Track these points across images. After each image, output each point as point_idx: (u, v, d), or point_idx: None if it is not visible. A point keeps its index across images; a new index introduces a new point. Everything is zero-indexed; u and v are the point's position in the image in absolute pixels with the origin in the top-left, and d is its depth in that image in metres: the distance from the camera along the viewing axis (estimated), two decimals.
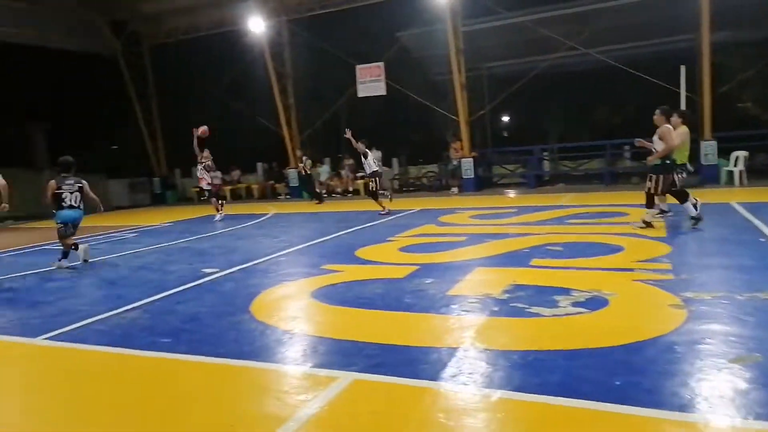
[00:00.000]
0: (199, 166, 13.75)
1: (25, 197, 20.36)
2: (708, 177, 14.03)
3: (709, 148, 14.31)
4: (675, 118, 8.29)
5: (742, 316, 4.04)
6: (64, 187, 8.06)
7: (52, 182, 8.19)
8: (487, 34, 17.59)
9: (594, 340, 3.83)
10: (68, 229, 8.09)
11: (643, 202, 8.25)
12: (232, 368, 3.76)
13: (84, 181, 8.28)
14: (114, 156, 28.70)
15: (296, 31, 19.27)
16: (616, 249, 6.70)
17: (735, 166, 13.65)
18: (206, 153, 13.54)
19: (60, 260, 8.01)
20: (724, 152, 14.26)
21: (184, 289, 6.16)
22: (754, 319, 3.97)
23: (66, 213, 8.05)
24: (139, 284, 6.62)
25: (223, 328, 4.66)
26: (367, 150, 12.71)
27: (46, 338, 4.68)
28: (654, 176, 7.86)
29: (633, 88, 18.18)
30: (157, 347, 4.24)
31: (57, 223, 8.17)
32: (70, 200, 8.06)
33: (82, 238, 11.61)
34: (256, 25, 17.85)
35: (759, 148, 14.93)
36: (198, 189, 17.23)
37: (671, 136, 7.71)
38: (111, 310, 5.40)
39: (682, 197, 8.04)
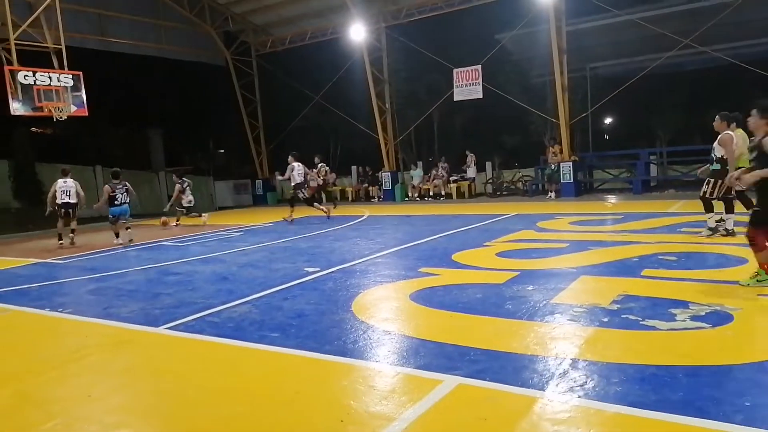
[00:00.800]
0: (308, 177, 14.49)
1: (143, 197, 22.26)
2: None
3: None
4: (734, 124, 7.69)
5: None
6: (117, 189, 11.50)
7: (107, 187, 11.61)
8: (593, 33, 16.89)
9: (717, 357, 3.56)
10: (116, 219, 11.63)
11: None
12: (338, 365, 3.87)
13: (128, 183, 11.79)
14: (221, 159, 30.62)
15: (394, 37, 19.54)
16: (739, 261, 6.16)
17: None
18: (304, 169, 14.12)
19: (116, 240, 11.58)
20: None
21: (288, 287, 6.43)
22: None
23: (115, 209, 11.56)
24: (247, 280, 6.99)
25: (327, 326, 4.81)
26: (294, 164, 13.84)
27: (166, 328, 5.07)
28: (712, 180, 7.64)
29: (753, 88, 16.64)
30: (267, 341, 4.46)
31: (109, 216, 11.74)
32: (120, 199, 11.52)
33: (196, 235, 12.48)
34: (357, 33, 18.30)
35: None
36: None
37: (732, 146, 7.40)
38: (223, 304, 5.75)
39: (730, 208, 7.76)
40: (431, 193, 19.10)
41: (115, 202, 11.49)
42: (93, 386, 3.84)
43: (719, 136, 7.61)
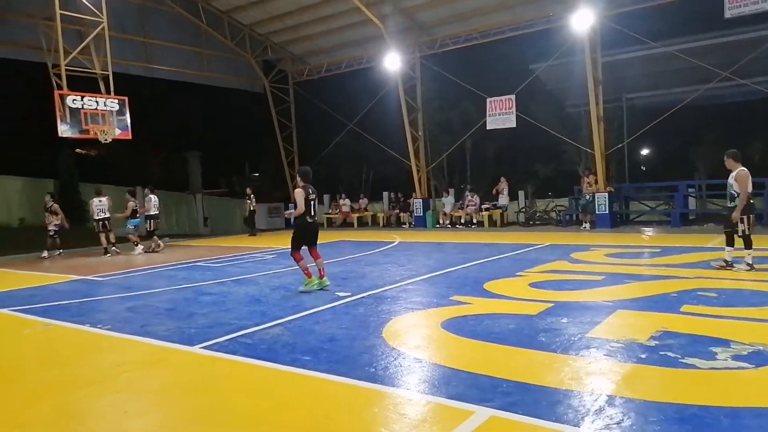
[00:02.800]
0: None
1: (180, 218, 22.83)
2: None
3: None
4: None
5: None
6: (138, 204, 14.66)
7: (132, 203, 14.56)
8: (629, 65, 16.80)
9: (760, 399, 3.43)
10: (137, 230, 14.59)
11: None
12: (369, 391, 3.86)
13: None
14: (255, 182, 31.23)
15: (428, 66, 19.78)
16: None
17: None
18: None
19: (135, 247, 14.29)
20: None
21: (320, 311, 6.47)
22: None
23: (136, 220, 14.59)
24: (280, 302, 7.07)
25: (358, 351, 4.81)
26: (150, 195, 15.21)
27: (201, 347, 5.15)
28: (745, 217, 7.91)
29: None
30: (299, 364, 4.49)
31: (131, 227, 14.54)
32: (138, 213, 14.62)
33: (230, 256, 12.69)
34: (392, 62, 18.61)
35: None
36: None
37: (747, 181, 7.85)
38: (256, 326, 5.82)
39: (748, 244, 8.00)
40: (462, 221, 19.03)
41: (137, 215, 14.53)
42: (129, 403, 3.93)
43: (736, 172, 7.98)
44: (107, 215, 14.21)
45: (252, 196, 19.25)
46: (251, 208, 19.23)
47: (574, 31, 15.56)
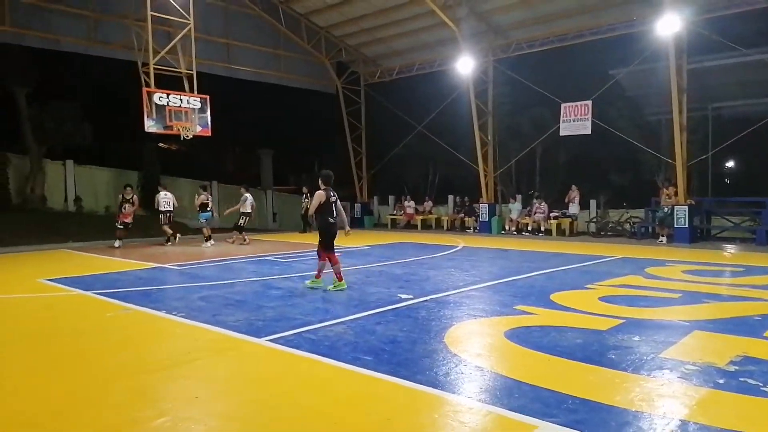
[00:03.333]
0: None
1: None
2: None
3: None
4: None
5: None
6: (209, 198, 15.39)
7: (203, 197, 15.16)
8: (717, 72, 15.86)
9: None
10: (208, 223, 15.25)
11: None
12: (430, 396, 3.86)
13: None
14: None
15: (501, 69, 19.49)
16: None
17: None
18: None
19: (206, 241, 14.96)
20: None
21: (382, 311, 6.53)
22: None
23: (206, 214, 15.17)
24: (344, 301, 7.18)
25: (419, 355, 4.82)
26: (246, 194, 15.79)
27: (268, 339, 5.32)
28: None
29: None
30: (360, 363, 4.55)
31: (203, 220, 15.19)
32: (210, 207, 15.35)
33: (298, 252, 13.01)
34: (464, 66, 18.47)
35: None
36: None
37: None
38: (320, 323, 5.95)
39: None
40: (529, 228, 18.60)
41: (207, 209, 15.16)
42: (200, 389, 4.12)
43: None
44: (171, 209, 15.17)
45: (308, 194, 19.63)
46: (307, 206, 19.64)
47: (659, 36, 14.86)
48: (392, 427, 3.41)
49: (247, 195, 15.84)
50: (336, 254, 8.08)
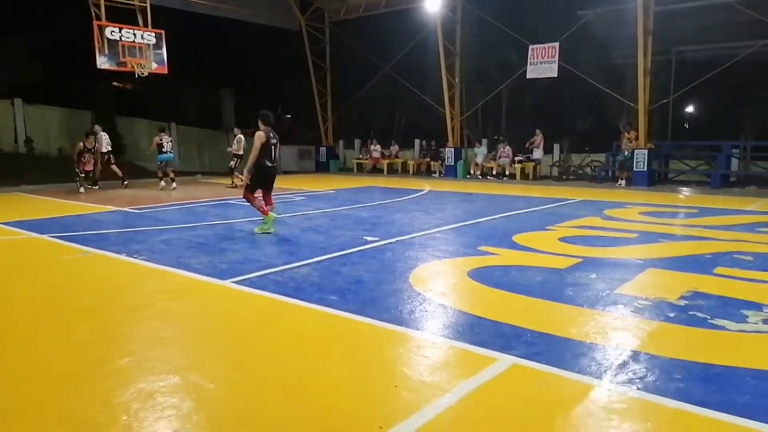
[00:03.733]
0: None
1: (213, 155, 23.10)
2: None
3: None
4: None
5: None
6: (164, 139, 14.34)
7: (157, 138, 14.30)
8: (683, 15, 15.83)
9: None
10: (164, 166, 14.61)
11: None
12: (394, 333, 3.94)
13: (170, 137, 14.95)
14: (287, 124, 31.17)
15: (470, 9, 19.04)
16: None
17: None
18: None
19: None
20: None
21: (347, 253, 6.56)
22: None
23: (164, 156, 14.42)
24: (309, 244, 7.17)
25: (384, 294, 4.89)
26: (239, 135, 15.55)
27: (232, 281, 5.30)
28: None
29: None
30: (326, 303, 4.59)
31: (160, 163, 14.57)
32: (167, 148, 14.40)
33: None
34: (433, 4, 17.96)
35: None
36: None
37: None
38: (285, 264, 5.95)
39: None
40: (494, 172, 18.78)
41: (163, 150, 14.37)
42: (165, 329, 4.10)
43: None
44: (110, 149, 15.02)
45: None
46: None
47: None
48: (356, 360, 3.49)
49: (240, 136, 15.39)
50: (257, 193, 7.83)
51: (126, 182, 14.94)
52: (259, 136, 7.43)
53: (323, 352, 3.64)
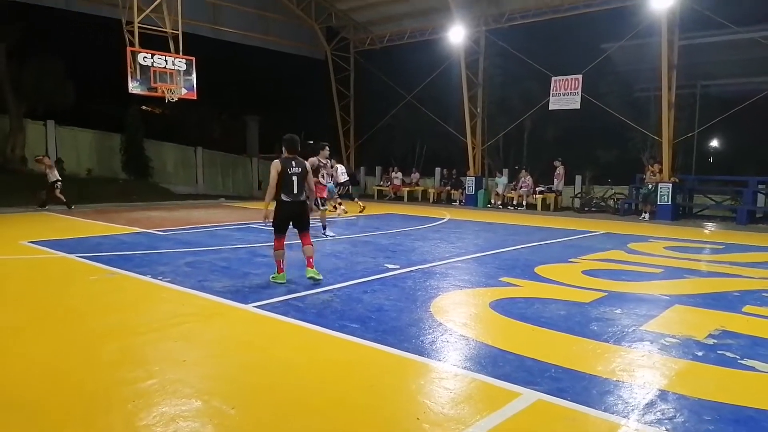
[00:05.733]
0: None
1: (236, 179, 23.46)
2: None
3: None
4: None
5: None
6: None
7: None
8: (708, 50, 15.84)
9: None
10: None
11: None
12: (415, 363, 3.92)
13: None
14: (309, 150, 31.50)
15: (493, 40, 19.27)
16: None
17: None
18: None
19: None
20: None
21: (369, 281, 6.57)
22: None
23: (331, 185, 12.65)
24: (330, 270, 7.19)
25: (405, 323, 4.87)
26: (337, 165, 14.12)
27: (255, 306, 5.33)
28: None
29: None
30: (347, 331, 4.59)
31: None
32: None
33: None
34: (456, 35, 18.23)
35: None
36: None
37: None
38: (306, 290, 5.97)
39: None
40: (515, 202, 18.71)
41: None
42: (188, 352, 4.13)
43: None
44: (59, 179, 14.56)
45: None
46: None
47: (652, 10, 14.77)
48: (377, 390, 3.47)
49: (339, 166, 14.92)
50: (282, 240, 6.45)
51: (72, 207, 14.64)
52: (274, 165, 6.19)
53: (344, 381, 3.63)
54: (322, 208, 10.78)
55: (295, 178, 6.23)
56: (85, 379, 3.59)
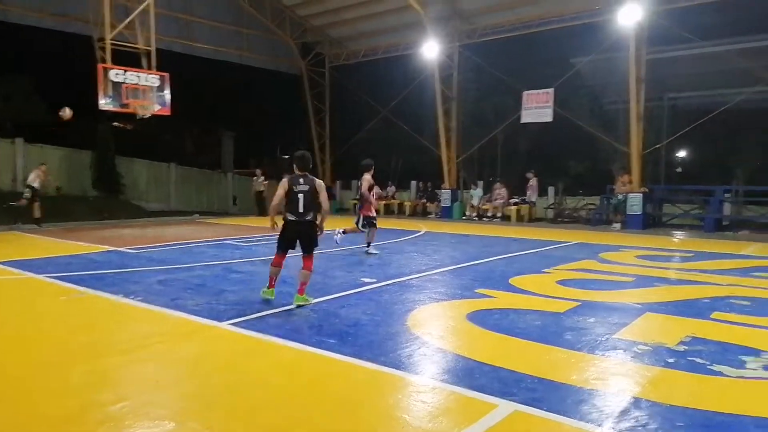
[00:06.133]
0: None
1: (211, 196, 23.22)
2: None
3: None
4: None
5: None
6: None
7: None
8: (674, 63, 16.34)
9: None
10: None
11: None
12: (393, 377, 3.91)
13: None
14: (285, 165, 31.42)
15: (467, 55, 19.58)
16: None
17: None
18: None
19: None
20: None
21: (345, 295, 6.55)
22: None
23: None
24: (308, 285, 7.13)
25: (382, 337, 4.87)
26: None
27: (230, 323, 5.27)
28: None
29: None
30: (325, 346, 4.56)
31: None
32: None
33: (258, 236, 12.87)
34: (430, 50, 18.47)
35: None
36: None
37: None
38: (282, 306, 5.92)
39: None
40: (490, 214, 18.90)
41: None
42: (161, 373, 4.06)
43: None
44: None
45: (261, 175, 20.00)
46: (260, 189, 19.70)
47: (620, 25, 15.19)
48: (355, 406, 3.45)
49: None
50: (281, 257, 6.22)
51: (42, 225, 14.55)
52: (282, 182, 6.00)
53: (322, 397, 3.60)
54: (362, 229, 10.44)
55: (301, 196, 5.94)
56: (53, 401, 3.49)
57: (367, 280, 7.47)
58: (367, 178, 10.21)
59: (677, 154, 24.66)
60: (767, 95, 16.10)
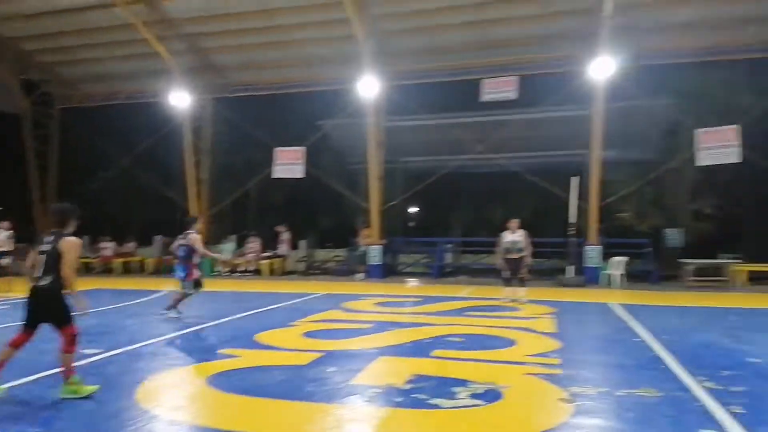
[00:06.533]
0: None
1: None
2: (590, 278, 15.22)
3: (593, 251, 15.61)
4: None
5: (623, 412, 4.30)
6: None
7: None
8: (407, 132, 18.68)
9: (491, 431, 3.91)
10: None
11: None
12: None
13: None
14: None
15: (219, 109, 19.41)
16: (510, 343, 6.95)
17: (613, 270, 14.93)
18: None
19: None
20: (606, 257, 15.61)
21: (57, 372, 5.55)
22: (632, 414, 4.24)
23: None
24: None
25: (103, 417, 4.25)
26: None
27: None
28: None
29: (531, 193, 19.80)
30: None
31: None
32: None
33: None
34: (181, 100, 17.78)
35: (635, 255, 16.41)
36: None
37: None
38: None
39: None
40: (241, 268, 18.56)
41: None
42: None
43: (520, 231, 10.81)
44: None
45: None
46: None
47: (362, 95, 16.81)
48: None
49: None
50: (22, 337, 4.92)
51: None
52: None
53: None
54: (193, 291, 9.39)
55: (41, 257, 4.80)
56: None
57: (89, 351, 6.50)
58: (197, 237, 9.27)
59: (410, 210, 27.96)
60: (477, 162, 19.41)
